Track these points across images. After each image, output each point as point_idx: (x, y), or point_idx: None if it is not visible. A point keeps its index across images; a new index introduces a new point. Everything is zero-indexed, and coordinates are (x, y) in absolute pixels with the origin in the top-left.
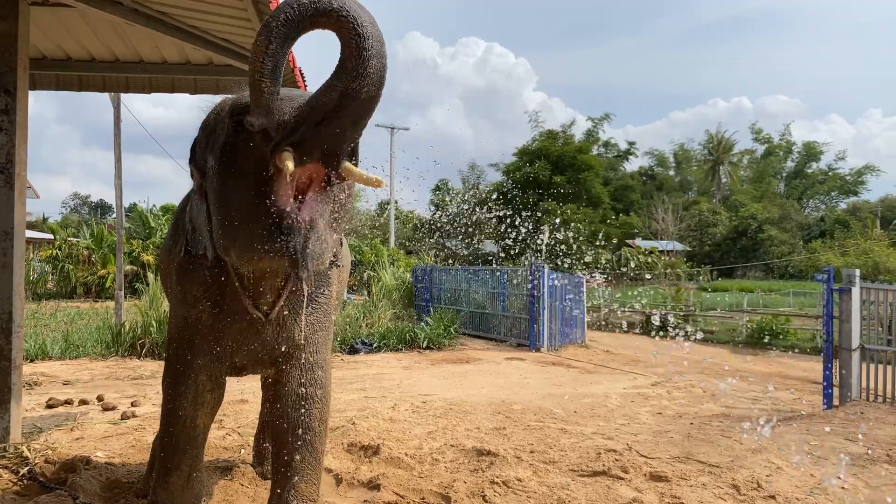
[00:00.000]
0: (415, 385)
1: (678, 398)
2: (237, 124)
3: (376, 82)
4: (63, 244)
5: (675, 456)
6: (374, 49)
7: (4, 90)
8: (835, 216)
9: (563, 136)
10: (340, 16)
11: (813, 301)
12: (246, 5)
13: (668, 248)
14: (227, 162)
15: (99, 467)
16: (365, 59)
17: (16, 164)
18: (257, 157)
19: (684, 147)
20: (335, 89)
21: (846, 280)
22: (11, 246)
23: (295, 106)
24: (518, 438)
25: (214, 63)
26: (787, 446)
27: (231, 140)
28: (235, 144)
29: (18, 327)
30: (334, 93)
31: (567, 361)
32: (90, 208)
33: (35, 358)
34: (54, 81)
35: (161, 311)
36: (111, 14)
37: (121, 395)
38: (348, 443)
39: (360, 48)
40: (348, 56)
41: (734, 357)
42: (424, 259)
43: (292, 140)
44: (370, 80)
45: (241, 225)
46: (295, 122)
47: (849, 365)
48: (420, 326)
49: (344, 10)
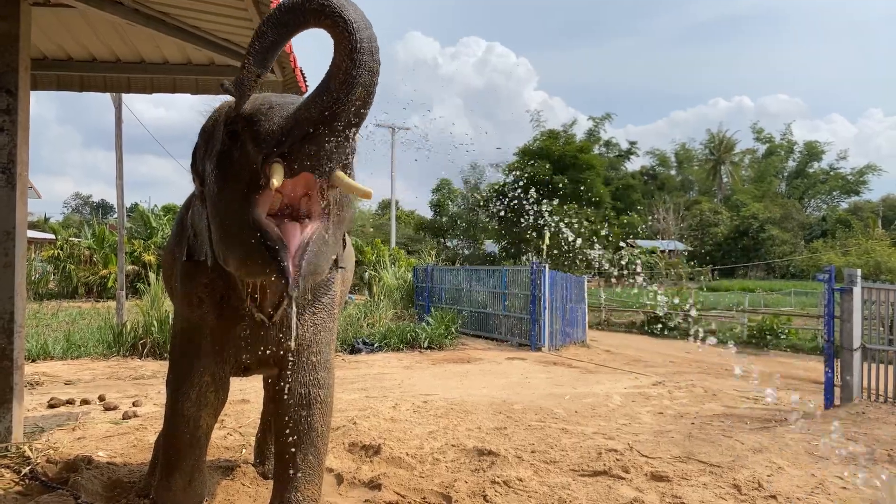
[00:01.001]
0: (416, 385)
1: (679, 398)
2: (231, 133)
3: (364, 95)
4: (65, 244)
5: (676, 456)
6: (365, 58)
7: (6, 90)
8: (836, 216)
9: (564, 136)
10: (336, 17)
11: (814, 301)
12: (247, 5)
13: (669, 248)
14: (222, 171)
15: (101, 467)
16: (356, 66)
17: (17, 165)
18: (249, 167)
19: (686, 147)
20: (324, 97)
21: (847, 280)
22: (13, 246)
23: (284, 115)
24: (519, 438)
25: (216, 63)
26: (788, 446)
27: (226, 149)
28: (230, 153)
29: (20, 327)
30: (323, 101)
31: (568, 361)
32: (92, 208)
33: (37, 358)
34: (55, 82)
35: (162, 311)
36: (112, 14)
37: (122, 394)
38: (349, 442)
39: (351, 55)
40: (339, 62)
41: (736, 357)
42: (426, 259)
43: (280, 151)
44: (360, 90)
45: (235, 237)
46: (283, 132)
47: (850, 365)
48: (421, 326)
49: (340, 12)
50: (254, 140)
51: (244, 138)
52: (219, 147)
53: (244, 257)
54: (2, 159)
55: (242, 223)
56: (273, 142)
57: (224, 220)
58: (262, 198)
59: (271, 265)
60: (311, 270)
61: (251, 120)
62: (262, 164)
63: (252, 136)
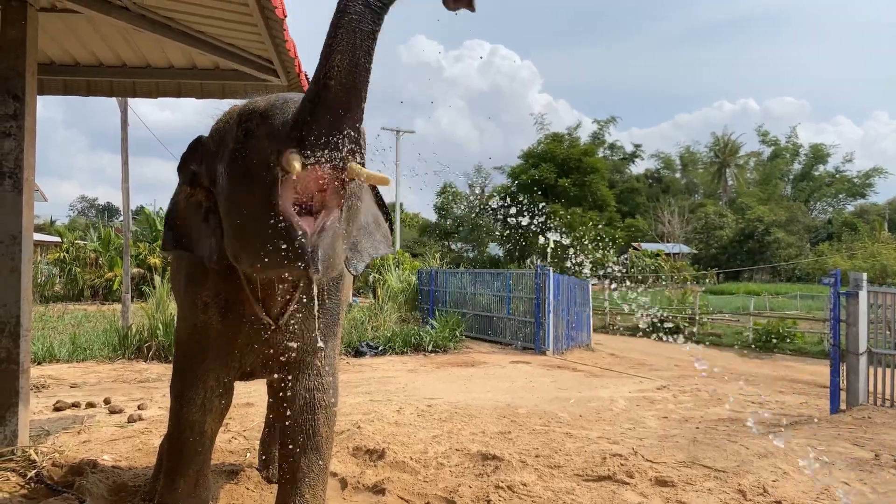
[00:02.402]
0: (420, 388)
1: (684, 402)
2: (245, 132)
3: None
4: (70, 247)
5: (680, 461)
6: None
7: (13, 95)
8: (842, 219)
9: (568, 139)
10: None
11: (820, 304)
12: (251, 11)
13: (674, 251)
14: (237, 169)
15: (106, 470)
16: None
17: (24, 169)
18: (265, 162)
19: (690, 149)
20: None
21: (853, 284)
22: (20, 250)
23: (293, 107)
24: (523, 442)
25: (220, 67)
26: (794, 451)
27: (240, 147)
28: (244, 151)
29: (26, 331)
30: (314, 85)
31: (573, 365)
32: (97, 211)
33: (42, 361)
34: (62, 86)
35: (167, 314)
36: (118, 19)
37: (127, 397)
38: (353, 447)
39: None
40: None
41: (741, 360)
42: (430, 262)
43: (294, 138)
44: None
45: (252, 231)
46: (294, 120)
47: (856, 369)
48: (425, 329)
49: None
50: (269, 133)
51: (259, 133)
52: (232, 146)
53: (264, 249)
54: (8, 164)
55: (264, 215)
56: (287, 133)
57: (241, 215)
58: (282, 189)
59: (295, 250)
60: (327, 260)
61: (266, 115)
62: (278, 155)
63: (267, 129)
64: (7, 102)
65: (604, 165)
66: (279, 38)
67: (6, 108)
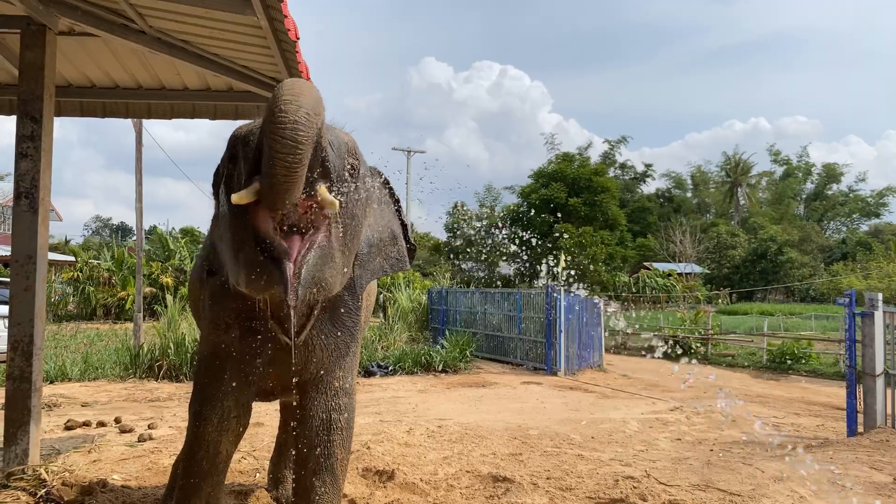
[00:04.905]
0: (430, 409)
1: (698, 424)
2: (231, 156)
3: (290, 134)
4: (84, 266)
5: (694, 484)
6: (288, 115)
7: (31, 117)
8: (856, 238)
9: (579, 159)
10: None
11: (835, 325)
12: (265, 34)
13: (686, 271)
14: (227, 191)
15: (115, 490)
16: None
17: (40, 189)
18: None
19: (701, 169)
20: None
21: (868, 304)
22: (34, 270)
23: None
24: (534, 464)
25: (234, 89)
26: (811, 475)
27: (228, 170)
28: (231, 174)
29: (39, 350)
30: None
31: (584, 385)
32: (111, 231)
33: (55, 379)
34: (79, 108)
35: (179, 334)
36: (135, 42)
37: (138, 417)
38: (363, 467)
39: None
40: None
41: (755, 381)
42: (440, 281)
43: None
44: (285, 129)
45: (239, 251)
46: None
47: (873, 391)
48: (435, 349)
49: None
50: (244, 158)
51: (240, 158)
52: (223, 169)
53: (249, 270)
54: (25, 185)
55: (245, 236)
56: (253, 160)
57: (230, 237)
58: (258, 212)
59: (272, 273)
60: (311, 280)
61: (245, 140)
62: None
63: (243, 155)
64: (25, 124)
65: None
66: (292, 60)
67: (24, 130)
